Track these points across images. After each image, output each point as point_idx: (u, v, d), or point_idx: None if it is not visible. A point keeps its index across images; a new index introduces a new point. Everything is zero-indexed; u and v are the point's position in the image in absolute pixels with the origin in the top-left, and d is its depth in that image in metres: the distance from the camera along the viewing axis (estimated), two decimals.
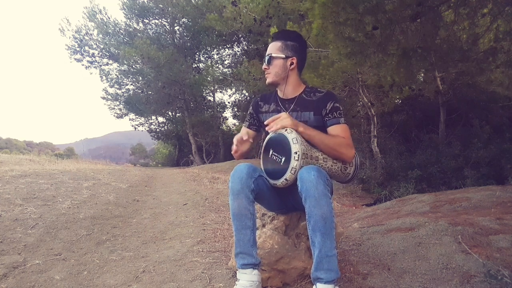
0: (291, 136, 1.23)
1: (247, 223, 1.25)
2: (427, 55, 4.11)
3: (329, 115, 1.36)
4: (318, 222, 1.13)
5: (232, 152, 1.46)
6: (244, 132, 1.40)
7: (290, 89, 1.44)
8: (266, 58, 1.42)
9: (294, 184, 1.23)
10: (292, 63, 1.41)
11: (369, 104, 6.99)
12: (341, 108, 1.38)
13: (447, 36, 4.08)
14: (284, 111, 1.42)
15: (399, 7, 3.30)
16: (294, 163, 1.20)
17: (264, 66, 1.44)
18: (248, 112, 1.57)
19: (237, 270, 1.28)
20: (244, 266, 1.24)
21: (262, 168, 1.38)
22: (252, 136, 1.50)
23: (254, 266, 1.25)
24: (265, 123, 1.34)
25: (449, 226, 1.74)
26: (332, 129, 1.35)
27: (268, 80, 1.45)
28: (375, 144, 6.98)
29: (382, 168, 6.63)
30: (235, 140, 1.39)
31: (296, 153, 1.20)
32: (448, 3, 3.50)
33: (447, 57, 4.18)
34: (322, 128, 1.37)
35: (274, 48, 1.41)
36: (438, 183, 5.42)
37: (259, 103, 1.54)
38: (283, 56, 1.40)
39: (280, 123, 1.26)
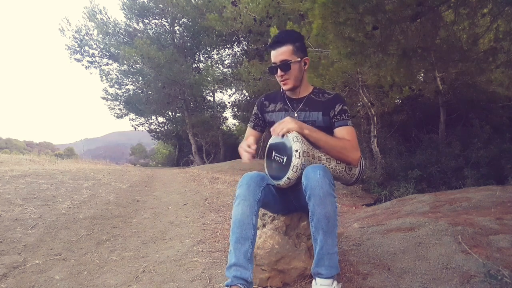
0: (292, 135, 1.23)
1: (248, 233, 1.18)
2: (427, 55, 4.12)
3: (337, 117, 1.36)
4: (321, 220, 1.13)
5: (246, 160, 1.35)
6: (251, 141, 1.35)
7: (301, 89, 1.44)
8: (280, 65, 1.35)
9: (297, 185, 1.22)
10: (305, 63, 1.41)
11: (369, 104, 6.99)
12: (348, 111, 1.39)
13: (447, 36, 4.09)
14: (291, 110, 1.43)
15: (399, 7, 3.30)
16: (295, 161, 1.20)
17: (280, 73, 1.37)
18: (253, 113, 1.55)
19: None
20: (236, 279, 1.12)
21: (266, 172, 1.38)
22: (258, 138, 1.50)
23: (245, 284, 1.12)
24: (271, 130, 1.33)
25: (449, 226, 1.74)
26: (339, 131, 1.35)
27: (288, 86, 1.39)
28: (375, 144, 6.98)
29: (382, 168, 6.64)
30: (244, 149, 1.32)
31: (296, 151, 1.20)
32: (448, 3, 3.50)
33: (447, 57, 4.19)
34: (329, 129, 1.37)
35: (287, 53, 1.35)
36: (438, 183, 5.43)
37: (264, 102, 1.52)
38: (299, 59, 1.37)
39: (286, 127, 1.25)
